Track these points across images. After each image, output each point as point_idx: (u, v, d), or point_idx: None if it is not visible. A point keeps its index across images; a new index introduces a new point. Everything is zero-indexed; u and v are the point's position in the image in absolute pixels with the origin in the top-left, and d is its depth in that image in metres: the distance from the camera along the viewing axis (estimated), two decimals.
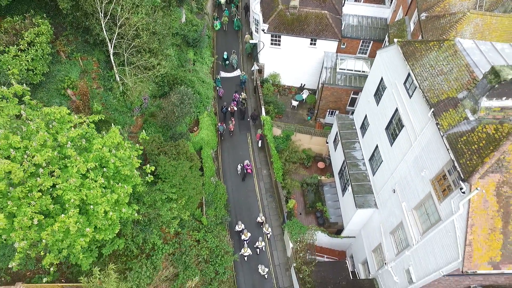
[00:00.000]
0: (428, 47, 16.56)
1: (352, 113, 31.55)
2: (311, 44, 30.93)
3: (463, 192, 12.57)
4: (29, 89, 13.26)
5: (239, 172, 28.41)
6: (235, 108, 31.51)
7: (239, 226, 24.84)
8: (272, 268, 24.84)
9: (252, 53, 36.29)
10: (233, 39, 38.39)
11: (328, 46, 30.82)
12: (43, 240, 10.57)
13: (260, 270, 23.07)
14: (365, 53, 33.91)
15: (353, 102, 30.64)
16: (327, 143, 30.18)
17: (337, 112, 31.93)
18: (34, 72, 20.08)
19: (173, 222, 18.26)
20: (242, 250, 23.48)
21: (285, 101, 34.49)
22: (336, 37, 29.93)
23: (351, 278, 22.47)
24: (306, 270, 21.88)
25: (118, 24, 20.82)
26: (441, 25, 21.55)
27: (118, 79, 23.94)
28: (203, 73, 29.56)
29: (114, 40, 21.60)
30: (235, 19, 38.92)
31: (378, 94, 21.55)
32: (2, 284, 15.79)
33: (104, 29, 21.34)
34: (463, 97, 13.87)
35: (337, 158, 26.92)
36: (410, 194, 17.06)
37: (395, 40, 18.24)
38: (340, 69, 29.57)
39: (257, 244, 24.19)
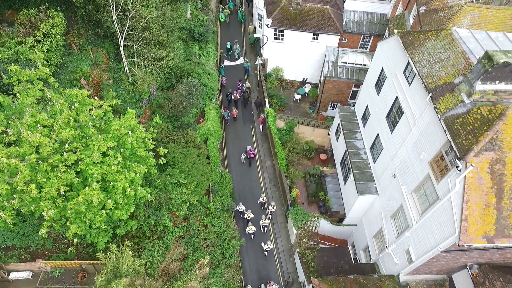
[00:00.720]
0: (426, 36, 17.38)
1: (354, 105, 32.42)
2: (313, 38, 31.77)
3: (459, 170, 13.39)
4: (51, 73, 14.07)
5: (242, 161, 29.22)
6: (238, 96, 32.70)
7: (240, 207, 25.73)
8: (276, 255, 25.67)
9: (255, 44, 37.49)
10: (237, 31, 40.02)
11: (330, 40, 31.65)
12: (68, 211, 11.38)
13: (265, 247, 24.10)
14: (366, 48, 34.71)
15: (354, 95, 31.46)
16: (329, 135, 30.99)
17: (338, 105, 32.73)
18: (49, 63, 20.92)
19: (183, 205, 19.08)
20: (247, 229, 24.53)
21: (287, 94, 35.31)
22: (337, 31, 30.76)
23: (353, 263, 23.27)
24: (310, 255, 22.69)
25: (129, 17, 21.63)
26: (439, 18, 22.38)
27: (127, 70, 24.78)
28: (208, 66, 30.39)
29: (124, 32, 22.41)
30: (239, 11, 40.48)
31: (379, 84, 22.37)
32: (23, 262, 16.64)
33: (115, 21, 22.17)
34: (459, 82, 14.69)
35: (339, 149, 27.74)
36: (410, 178, 17.87)
37: (395, 30, 19.06)
38: (342, 62, 30.40)
39: (261, 222, 25.25)
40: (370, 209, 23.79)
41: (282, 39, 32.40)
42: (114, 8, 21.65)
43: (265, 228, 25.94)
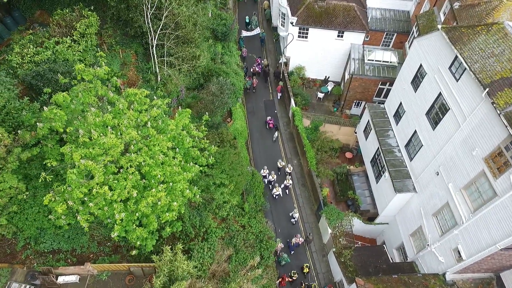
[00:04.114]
0: (475, 31, 17.11)
1: (379, 103, 32.14)
2: (338, 36, 31.49)
3: None
4: (109, 69, 13.79)
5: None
6: (257, 69, 35.08)
7: (265, 171, 27.18)
8: (309, 255, 25.41)
9: (270, 18, 41.02)
10: (253, 7, 43.91)
11: (355, 38, 31.38)
12: (136, 214, 11.10)
13: (293, 215, 25.41)
14: (388, 45, 34.48)
15: (380, 92, 31.19)
16: (355, 133, 30.72)
17: (363, 103, 32.49)
18: (84, 62, 20.66)
19: (225, 206, 18.81)
20: (274, 190, 26.38)
21: (310, 93, 35.04)
22: (364, 29, 30.50)
23: (390, 262, 22.99)
24: (347, 254, 22.42)
25: (164, 15, 21.35)
26: (476, 13, 22.10)
27: (157, 70, 24.51)
28: (233, 65, 30.08)
29: (158, 31, 22.13)
30: None
31: (416, 81, 22.09)
32: (69, 265, 16.35)
33: (148, 20, 21.89)
34: None
35: (369, 147, 27.45)
36: (458, 175, 17.59)
37: (439, 26, 18.79)
38: (368, 60, 30.13)
39: (285, 182, 27.14)
40: (406, 207, 23.51)
41: (306, 37, 32.14)
42: (149, 6, 21.38)
43: (287, 190, 27.81)
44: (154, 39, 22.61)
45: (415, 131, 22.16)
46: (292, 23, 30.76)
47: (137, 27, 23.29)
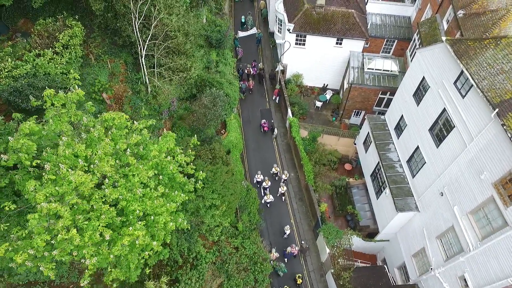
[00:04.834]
0: (482, 45, 16.00)
1: (379, 113, 31.06)
2: (337, 43, 30.38)
3: None
4: (83, 93, 12.67)
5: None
6: (252, 71, 34.10)
7: (259, 176, 26.30)
8: (306, 274, 24.31)
9: (267, 18, 40.25)
10: (249, 6, 42.88)
11: (354, 45, 30.26)
12: (111, 256, 9.95)
13: (286, 230, 24.32)
14: (389, 52, 33.41)
15: (380, 102, 30.08)
16: (355, 144, 29.62)
17: (363, 112, 31.39)
18: (67, 76, 19.51)
19: (216, 229, 17.69)
20: (265, 197, 25.41)
21: (308, 101, 33.91)
22: (363, 36, 29.38)
23: (392, 284, 21.89)
24: (346, 277, 21.31)
25: (152, 25, 20.22)
26: (482, 22, 21.01)
27: (147, 81, 23.37)
28: (228, 74, 28.94)
29: (147, 41, 20.99)
30: None
31: (419, 94, 20.99)
32: None
33: (137, 30, 20.75)
34: None
35: (369, 160, 26.34)
36: (464, 198, 16.48)
37: (444, 38, 17.69)
38: (368, 68, 29.01)
39: (279, 190, 26.16)
40: (408, 226, 22.41)
41: (303, 44, 31.01)
42: (137, 15, 20.24)
43: (283, 197, 26.87)
44: (143, 50, 21.46)
45: (418, 147, 21.06)
46: (289, 30, 29.63)
47: (126, 37, 22.14)
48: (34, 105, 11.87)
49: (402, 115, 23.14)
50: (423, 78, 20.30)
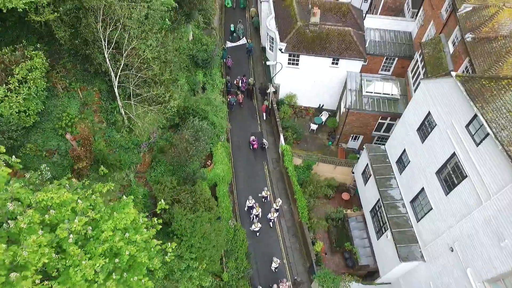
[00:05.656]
0: (500, 86, 13.80)
1: (379, 138, 28.89)
2: (333, 63, 28.16)
3: None
4: (19, 160, 10.38)
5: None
6: (241, 85, 32.35)
7: (250, 202, 24.71)
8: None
9: (258, 26, 37.90)
10: (240, 15, 41.06)
11: (351, 65, 28.06)
12: None
13: (274, 263, 22.51)
14: (388, 71, 31.26)
15: (380, 126, 27.87)
16: (353, 173, 27.39)
17: (361, 137, 29.20)
18: (27, 114, 17.20)
19: None
20: (253, 226, 23.98)
21: (302, 123, 31.70)
22: (361, 56, 27.17)
23: None
24: None
25: (124, 55, 17.94)
26: (494, 49, 18.84)
27: (123, 113, 21.09)
28: (215, 97, 26.61)
29: (119, 72, 18.71)
30: None
31: (424, 130, 18.78)
32: None
33: (107, 59, 18.47)
34: None
35: (369, 194, 24.12)
36: (480, 261, 14.26)
37: (453, 73, 15.48)
38: (366, 92, 26.80)
39: (269, 216, 24.59)
40: (413, 272, 20.18)
41: (297, 64, 28.79)
42: (106, 44, 17.95)
43: (271, 223, 25.34)
44: (115, 80, 19.17)
45: (423, 188, 18.85)
46: (281, 49, 27.39)
47: (97, 65, 19.84)
48: None
49: (404, 149, 20.93)
50: (429, 113, 18.09)
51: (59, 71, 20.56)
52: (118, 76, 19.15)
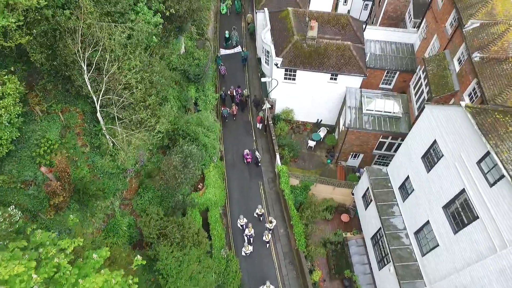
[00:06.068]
0: None
1: (380, 157, 27.57)
2: (331, 79, 26.82)
3: None
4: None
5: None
6: (235, 95, 31.05)
7: (242, 220, 23.55)
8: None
9: (254, 33, 36.50)
10: (236, 21, 39.79)
11: (351, 81, 26.71)
12: None
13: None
14: (389, 84, 29.96)
15: (381, 145, 26.53)
16: (352, 194, 26.06)
17: (361, 156, 27.86)
18: None
19: None
20: (244, 249, 22.90)
21: (299, 139, 30.35)
22: (361, 71, 25.83)
23: None
24: None
25: (105, 79, 16.57)
26: (504, 72, 17.52)
27: (107, 137, 19.71)
28: (206, 116, 25.15)
29: (100, 96, 17.34)
30: (236, 1, 39.65)
31: (429, 158, 17.44)
32: None
33: (88, 82, 17.10)
34: None
35: (369, 220, 22.79)
36: None
37: (462, 103, 14.15)
38: (367, 110, 25.44)
39: (264, 238, 23.49)
40: None
41: (294, 79, 27.44)
42: (85, 67, 16.58)
43: (267, 244, 24.15)
44: (97, 103, 17.80)
45: (428, 221, 17.52)
46: (276, 64, 26.04)
47: (78, 87, 18.47)
48: None
49: (408, 176, 19.60)
50: (435, 141, 16.76)
51: (39, 93, 19.22)
52: (99, 100, 17.78)
